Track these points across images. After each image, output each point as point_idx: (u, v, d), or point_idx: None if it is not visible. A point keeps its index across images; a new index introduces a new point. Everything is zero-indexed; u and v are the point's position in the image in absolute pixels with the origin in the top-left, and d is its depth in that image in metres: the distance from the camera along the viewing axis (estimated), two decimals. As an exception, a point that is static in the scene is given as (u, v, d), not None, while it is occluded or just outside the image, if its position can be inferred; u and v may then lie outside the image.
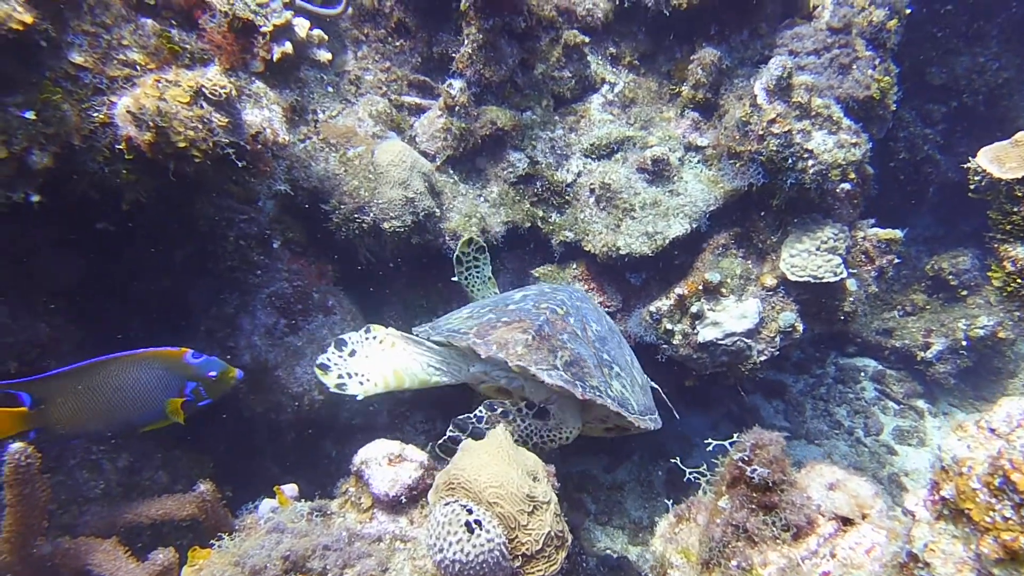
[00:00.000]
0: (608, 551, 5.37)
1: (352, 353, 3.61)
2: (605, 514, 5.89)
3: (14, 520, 2.40)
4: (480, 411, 3.33)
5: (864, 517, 1.77)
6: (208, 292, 3.74)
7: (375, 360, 3.62)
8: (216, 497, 3.00)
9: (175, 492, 3.25)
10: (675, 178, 4.64)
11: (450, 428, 3.31)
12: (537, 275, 4.97)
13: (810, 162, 4.07)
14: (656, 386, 4.09)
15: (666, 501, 2.42)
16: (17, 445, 2.30)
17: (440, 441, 3.29)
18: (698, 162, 4.72)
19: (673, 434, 6.41)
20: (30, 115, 2.17)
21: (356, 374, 3.54)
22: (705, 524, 1.99)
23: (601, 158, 4.83)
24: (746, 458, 1.87)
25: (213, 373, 3.19)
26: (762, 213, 4.53)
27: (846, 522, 1.78)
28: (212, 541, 2.80)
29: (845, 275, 4.28)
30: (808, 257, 4.34)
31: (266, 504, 3.18)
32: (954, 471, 1.50)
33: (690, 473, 2.28)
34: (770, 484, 1.83)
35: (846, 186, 4.24)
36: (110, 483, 3.24)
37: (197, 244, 3.65)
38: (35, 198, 2.34)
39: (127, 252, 3.45)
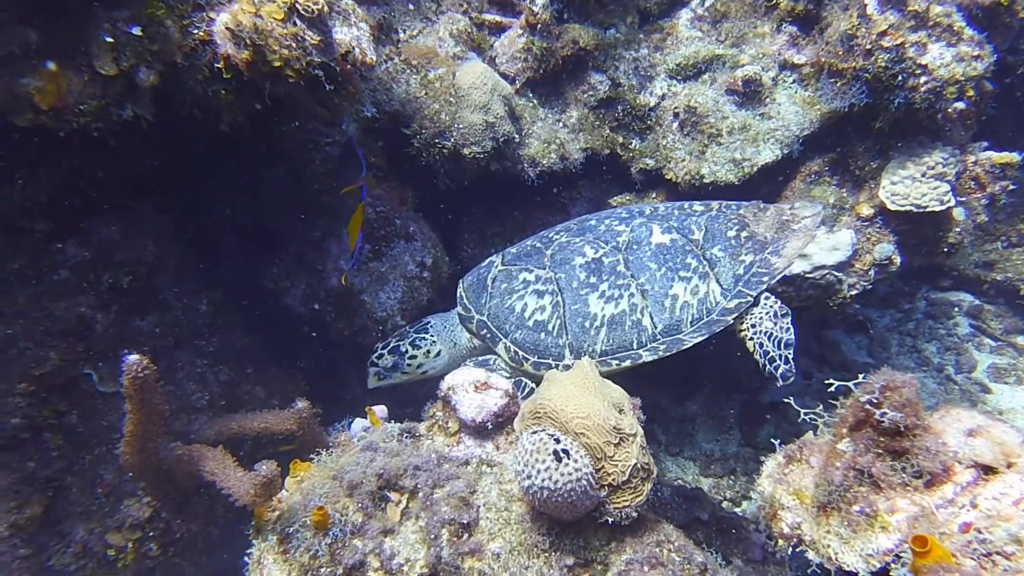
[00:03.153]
0: (679, 481, 5.41)
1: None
2: (676, 445, 5.91)
3: (134, 425, 2.56)
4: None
5: (1010, 466, 1.65)
6: (296, 216, 3.79)
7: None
8: (312, 414, 3.11)
9: (271, 407, 3.40)
10: (767, 100, 4.37)
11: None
12: (615, 204, 4.85)
13: (923, 79, 3.74)
14: None
15: (772, 440, 2.35)
16: (134, 357, 2.41)
17: None
18: (793, 82, 4.42)
19: (747, 369, 6.31)
20: (136, 31, 2.17)
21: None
22: (821, 467, 1.90)
23: (687, 79, 4.58)
24: (875, 400, 1.76)
25: None
26: (862, 137, 4.24)
27: (988, 471, 1.67)
28: (311, 456, 2.92)
29: (953, 203, 3.99)
30: (912, 184, 4.05)
31: (358, 423, 3.29)
32: None
33: (805, 414, 2.18)
34: (901, 429, 1.72)
35: (960, 105, 3.89)
36: (214, 395, 3.42)
37: (285, 167, 3.68)
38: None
39: (221, 175, 3.51)
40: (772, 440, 2.33)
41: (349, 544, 2.56)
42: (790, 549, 1.99)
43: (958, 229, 4.15)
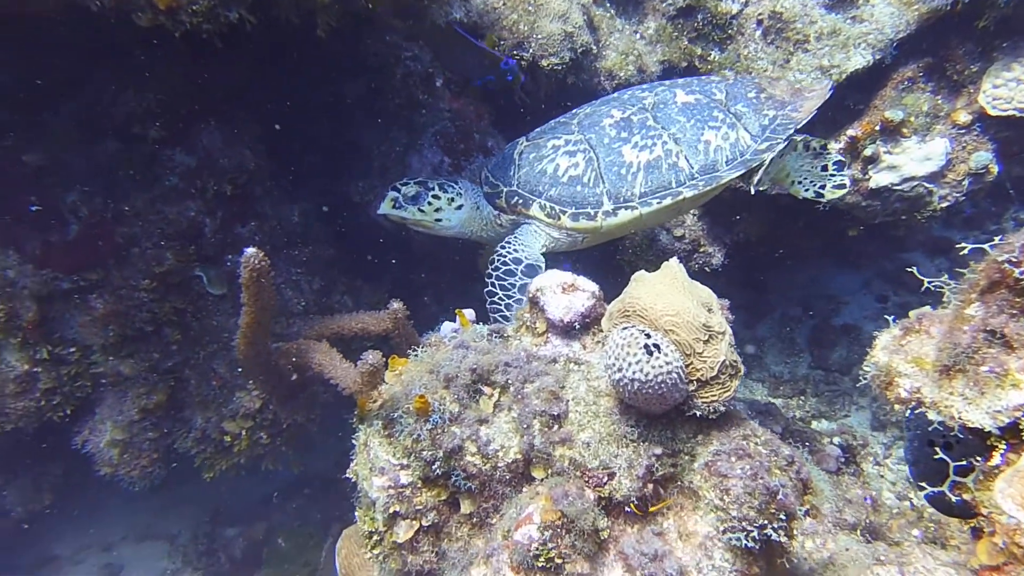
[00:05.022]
0: (750, 399, 5.44)
1: None
2: (744, 367, 5.91)
3: (250, 317, 2.71)
4: None
5: None
6: (378, 130, 3.86)
7: None
8: (406, 315, 3.23)
9: (363, 313, 3.53)
10: (860, 1, 4.14)
11: None
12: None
13: (1037, -32, 3.49)
14: None
15: (874, 328, 2.32)
16: (252, 249, 2.54)
17: None
18: (889, -20, 4.16)
19: (819, 293, 6.21)
20: (243, -75, 2.22)
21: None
22: (944, 333, 1.89)
23: (774, -18, 4.37)
24: (1014, 259, 1.73)
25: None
26: (963, 38, 4.00)
27: None
28: (409, 352, 3.06)
29: (1061, 106, 3.77)
30: (1017, 87, 3.83)
31: (447, 325, 3.41)
32: None
33: (929, 283, 2.16)
34: (1041, 285, 1.69)
35: (1077, -1, 3.62)
36: (308, 302, 3.59)
37: (366, 82, 3.73)
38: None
39: (307, 88, 3.59)
40: (873, 333, 2.31)
41: (448, 430, 2.70)
42: (908, 412, 2.01)
43: (1065, 135, 3.93)
